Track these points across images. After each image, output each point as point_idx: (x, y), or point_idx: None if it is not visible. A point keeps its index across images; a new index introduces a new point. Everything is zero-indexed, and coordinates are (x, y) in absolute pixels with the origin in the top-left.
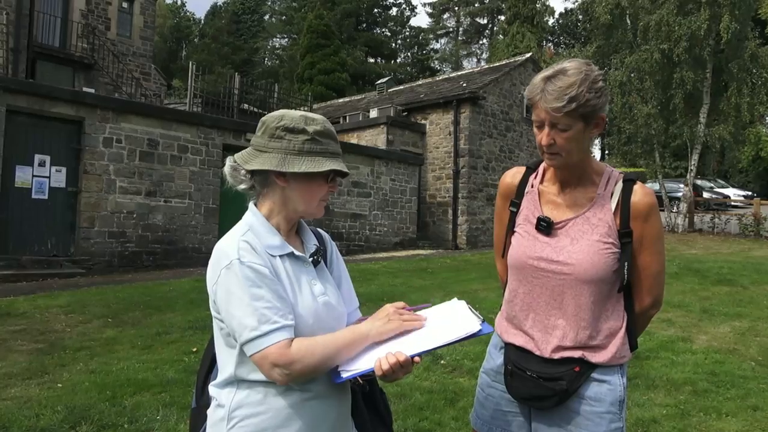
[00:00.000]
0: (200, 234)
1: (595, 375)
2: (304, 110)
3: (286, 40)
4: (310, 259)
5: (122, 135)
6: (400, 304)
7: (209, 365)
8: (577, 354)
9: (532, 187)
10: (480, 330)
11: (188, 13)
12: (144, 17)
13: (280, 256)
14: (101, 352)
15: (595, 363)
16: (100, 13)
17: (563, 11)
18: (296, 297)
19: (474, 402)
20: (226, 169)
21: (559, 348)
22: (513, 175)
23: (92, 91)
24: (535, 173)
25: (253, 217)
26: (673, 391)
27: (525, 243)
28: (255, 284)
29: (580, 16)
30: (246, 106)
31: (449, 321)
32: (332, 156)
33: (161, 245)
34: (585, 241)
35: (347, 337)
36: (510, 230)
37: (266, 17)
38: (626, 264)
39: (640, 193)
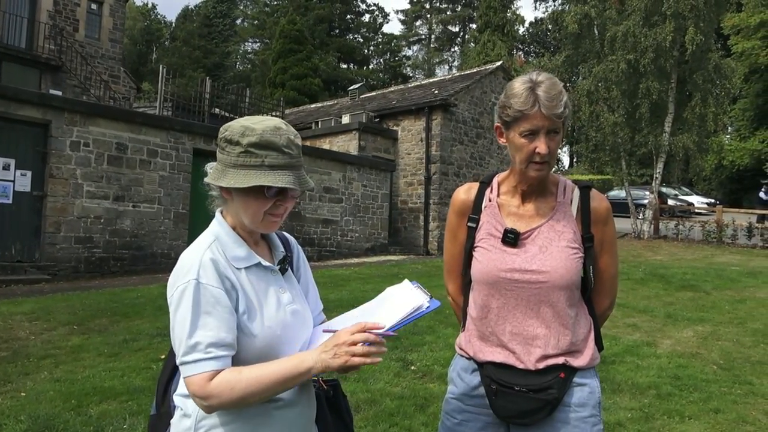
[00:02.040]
0: (169, 239)
1: (576, 380)
2: (275, 115)
3: (258, 44)
4: (278, 267)
5: (90, 139)
6: (359, 327)
7: (170, 372)
8: (560, 360)
9: (489, 201)
10: (428, 306)
11: (159, 16)
12: (113, 19)
13: (246, 267)
14: (66, 360)
15: (576, 367)
16: (68, 14)
17: (533, 20)
18: (262, 309)
19: (439, 430)
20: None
21: (543, 357)
22: (467, 191)
23: (59, 93)
24: (489, 188)
25: (219, 227)
26: (637, 394)
27: (493, 257)
28: (204, 309)
29: (550, 26)
30: (217, 110)
31: (399, 301)
32: (268, 168)
33: (129, 251)
34: (554, 248)
35: (282, 371)
36: (469, 247)
37: (238, 21)
38: (591, 267)
39: (598, 199)
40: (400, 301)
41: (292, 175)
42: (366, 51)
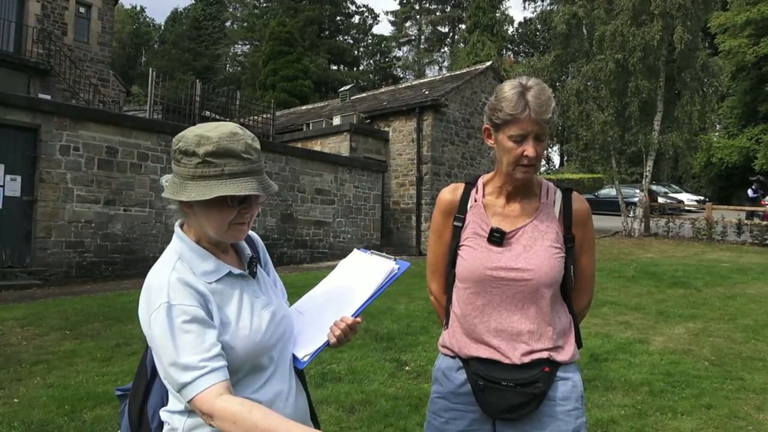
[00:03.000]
0: (161, 243)
1: (559, 374)
2: (266, 117)
3: (248, 46)
4: (247, 271)
5: (80, 143)
6: None
7: (143, 395)
8: (544, 355)
9: (475, 201)
10: (399, 267)
11: (148, 19)
12: (102, 22)
13: (217, 280)
14: (59, 366)
15: (559, 361)
16: (56, 17)
17: (522, 21)
18: (237, 320)
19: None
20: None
21: (528, 352)
22: (453, 192)
23: (48, 97)
24: (474, 188)
25: (181, 244)
26: (630, 391)
27: (479, 255)
28: (183, 329)
29: (539, 26)
30: (208, 113)
31: (365, 271)
32: (229, 177)
33: (121, 255)
34: (539, 247)
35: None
36: (455, 246)
37: (228, 24)
38: (572, 267)
39: (579, 201)
40: (368, 270)
41: (254, 180)
42: (356, 52)
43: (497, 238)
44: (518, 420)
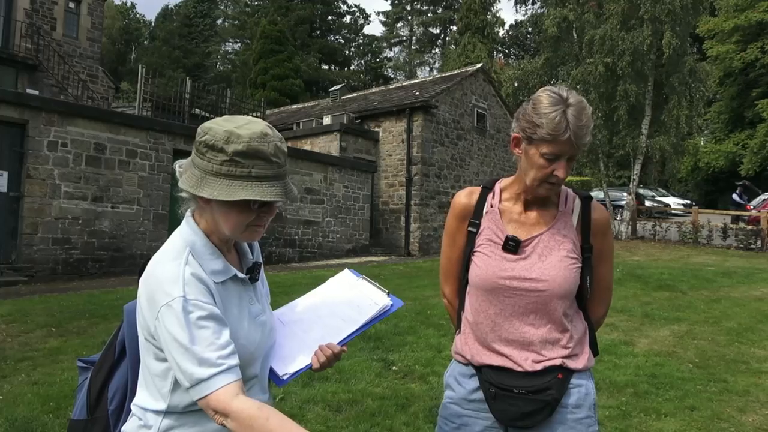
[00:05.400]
0: (149, 240)
1: (572, 381)
2: (256, 116)
3: (239, 45)
4: (248, 276)
5: (68, 139)
6: None
7: (107, 373)
8: (557, 362)
9: (491, 206)
10: (392, 304)
11: (138, 15)
12: (92, 18)
13: (222, 281)
14: (44, 363)
15: (573, 369)
16: (45, 12)
17: (513, 23)
18: (236, 326)
19: None
20: (177, 174)
21: (540, 360)
22: (468, 196)
23: (36, 92)
24: (491, 193)
25: (194, 236)
26: (615, 392)
27: (493, 263)
28: (199, 325)
29: (530, 29)
30: (197, 110)
31: (357, 298)
32: (256, 180)
33: (108, 252)
34: (554, 257)
35: None
36: (469, 251)
37: (219, 21)
38: (588, 277)
39: (599, 210)
40: (360, 298)
41: (279, 186)
42: (347, 52)
43: (512, 246)
44: (531, 428)
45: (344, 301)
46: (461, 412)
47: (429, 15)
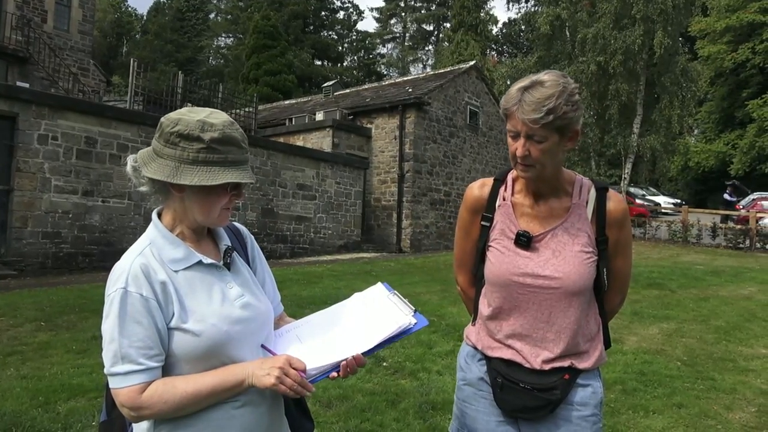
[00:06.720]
0: (139, 235)
1: (579, 380)
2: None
3: (232, 39)
4: (221, 263)
5: (58, 132)
6: (300, 365)
7: None
8: (566, 363)
9: (504, 200)
10: (416, 323)
11: (130, 9)
12: (83, 11)
13: (185, 268)
14: (33, 357)
15: (581, 369)
16: (36, 4)
17: (507, 21)
18: (204, 307)
19: (456, 419)
20: (128, 168)
21: (550, 360)
22: (480, 188)
23: (27, 85)
24: (503, 185)
25: (154, 230)
26: (604, 390)
27: (506, 259)
28: (133, 319)
29: (523, 27)
30: (190, 105)
31: (383, 312)
32: (231, 165)
33: (98, 246)
34: (568, 253)
35: (216, 384)
36: (483, 245)
37: (211, 16)
38: (604, 270)
39: (615, 200)
40: (382, 317)
41: (248, 169)
42: (340, 48)
43: (524, 241)
44: (533, 420)
45: (370, 315)
46: (476, 393)
47: (422, 12)
